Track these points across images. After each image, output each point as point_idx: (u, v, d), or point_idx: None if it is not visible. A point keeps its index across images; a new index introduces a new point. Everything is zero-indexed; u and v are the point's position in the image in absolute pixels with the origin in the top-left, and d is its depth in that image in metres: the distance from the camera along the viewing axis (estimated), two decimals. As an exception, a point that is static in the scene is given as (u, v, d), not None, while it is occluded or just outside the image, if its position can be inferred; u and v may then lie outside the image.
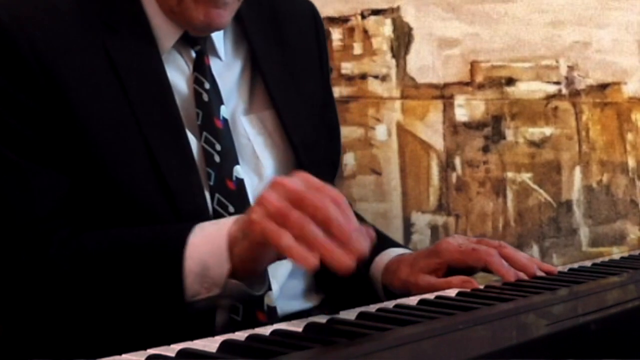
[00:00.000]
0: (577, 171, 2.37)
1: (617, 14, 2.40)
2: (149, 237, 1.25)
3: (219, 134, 1.40)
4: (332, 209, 1.06)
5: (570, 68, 2.38)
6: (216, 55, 1.46)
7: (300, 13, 1.63)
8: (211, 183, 1.37)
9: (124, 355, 0.88)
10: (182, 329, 1.13)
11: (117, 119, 1.32)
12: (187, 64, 1.43)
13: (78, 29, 1.35)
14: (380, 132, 2.32)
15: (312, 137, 1.53)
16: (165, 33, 1.40)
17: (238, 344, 0.93)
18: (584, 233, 2.37)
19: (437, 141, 2.34)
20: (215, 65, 1.45)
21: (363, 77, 2.31)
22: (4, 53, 1.31)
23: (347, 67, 2.29)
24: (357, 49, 2.33)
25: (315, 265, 1.03)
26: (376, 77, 2.33)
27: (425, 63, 2.35)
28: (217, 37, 1.46)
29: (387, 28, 2.35)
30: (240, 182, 1.40)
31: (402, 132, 2.34)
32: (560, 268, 1.43)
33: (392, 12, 2.35)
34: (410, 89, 2.35)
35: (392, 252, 1.52)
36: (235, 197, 1.37)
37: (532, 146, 2.37)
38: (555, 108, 2.37)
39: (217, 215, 1.35)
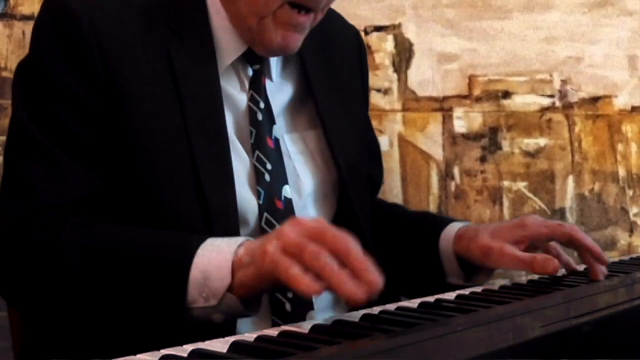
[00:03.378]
0: (570, 180, 2.37)
1: (608, 30, 2.40)
2: (161, 240, 1.21)
3: (270, 154, 1.37)
4: (351, 243, 1.03)
5: (564, 82, 2.38)
6: (269, 76, 1.42)
7: (346, 37, 1.60)
8: (260, 202, 1.34)
9: (138, 356, 0.88)
10: (196, 330, 1.13)
11: (168, 124, 1.29)
12: (244, 81, 1.39)
13: (145, 30, 1.31)
14: (382, 142, 2.32)
15: (356, 157, 1.50)
16: (228, 47, 1.36)
17: (247, 344, 0.93)
18: (576, 239, 2.36)
19: (437, 151, 2.34)
20: (267, 85, 1.41)
21: (366, 90, 2.31)
22: (70, 40, 1.27)
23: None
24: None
25: (318, 292, 1.01)
26: (379, 90, 2.33)
27: (426, 77, 2.35)
28: (273, 59, 1.42)
29: (389, 44, 2.35)
30: (288, 202, 1.37)
31: (404, 142, 2.34)
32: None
33: (394, 29, 2.36)
34: (411, 101, 2.35)
35: (458, 224, 1.49)
36: (282, 217, 1.32)
37: (527, 156, 2.36)
38: (549, 120, 2.37)
39: (264, 233, 1.30)
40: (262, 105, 1.38)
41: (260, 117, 1.38)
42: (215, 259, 1.13)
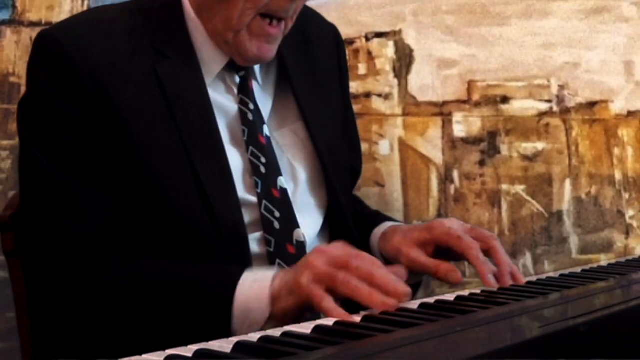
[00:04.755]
0: (568, 183, 2.37)
1: (604, 36, 2.40)
2: (203, 276, 1.29)
3: (264, 149, 1.44)
4: (373, 267, 1.17)
5: (561, 87, 2.38)
6: (255, 78, 1.49)
7: (325, 34, 1.66)
8: (259, 190, 1.41)
9: (144, 356, 0.88)
10: None
11: (165, 140, 1.35)
12: (232, 87, 1.46)
13: (131, 53, 1.37)
14: (383, 147, 2.32)
15: (334, 143, 1.55)
16: (213, 60, 1.43)
17: (251, 344, 0.93)
18: (573, 241, 2.36)
19: (437, 155, 2.34)
20: (255, 87, 1.48)
21: (367, 95, 2.31)
22: (63, 74, 1.33)
23: (352, 87, 2.29)
24: (362, 69, 2.33)
25: (346, 315, 1.11)
26: (379, 95, 2.33)
27: (426, 82, 2.35)
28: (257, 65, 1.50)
29: (389, 50, 2.35)
30: (284, 191, 1.43)
31: (404, 147, 2.34)
32: (551, 274, 1.43)
33: (395, 35, 2.36)
34: (411, 106, 2.35)
35: (389, 224, 1.54)
36: (280, 204, 1.42)
37: (526, 160, 2.36)
38: (547, 124, 2.37)
39: (264, 220, 1.40)
40: (251, 106, 1.45)
41: (251, 117, 1.44)
42: (254, 295, 1.23)
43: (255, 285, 1.23)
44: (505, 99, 2.37)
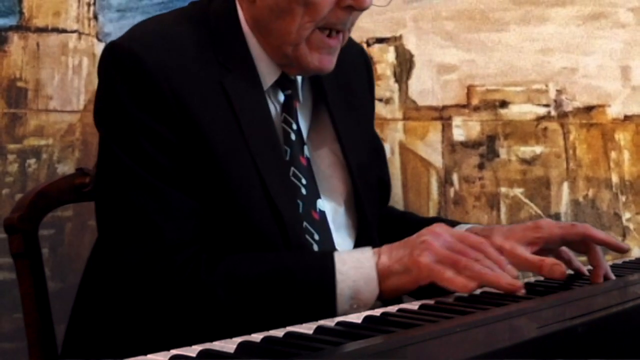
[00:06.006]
0: (565, 186, 2.37)
1: (601, 42, 2.40)
2: (297, 264, 1.28)
3: (304, 170, 1.43)
4: (487, 246, 1.23)
5: (559, 92, 2.38)
6: (298, 98, 1.48)
7: (355, 54, 1.65)
8: (300, 212, 1.40)
9: (149, 356, 0.88)
10: None
11: (237, 154, 1.34)
12: (275, 105, 1.44)
13: (200, 67, 1.36)
14: (384, 150, 2.32)
15: (365, 161, 1.55)
16: (266, 74, 1.42)
17: (255, 345, 0.93)
18: (571, 243, 2.36)
19: (437, 159, 2.34)
20: (297, 107, 1.47)
21: (368, 100, 2.31)
22: (145, 90, 1.31)
23: (353, 91, 2.29)
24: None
25: (473, 289, 1.18)
26: (380, 100, 2.33)
27: (426, 87, 2.36)
28: (299, 84, 1.49)
29: (390, 55, 2.35)
30: (322, 214, 1.43)
31: (404, 150, 2.34)
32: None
33: (395, 41, 2.36)
34: (411, 111, 2.35)
35: (466, 225, 1.52)
36: (319, 226, 1.41)
37: (524, 163, 2.36)
38: (545, 128, 2.37)
39: (304, 242, 1.39)
40: (294, 126, 1.44)
41: (293, 137, 1.43)
42: (359, 275, 1.24)
43: (357, 269, 1.24)
44: (504, 104, 2.37)
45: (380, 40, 2.35)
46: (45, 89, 2.18)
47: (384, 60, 2.35)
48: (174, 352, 0.90)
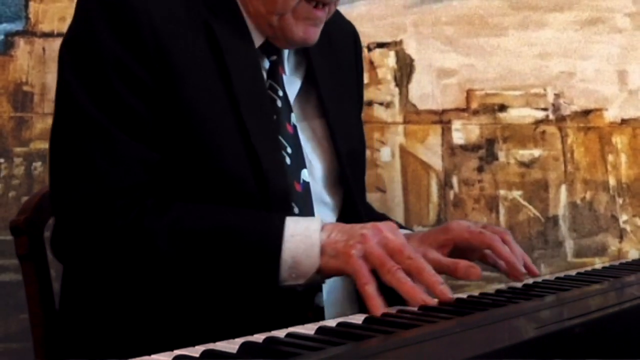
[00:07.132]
0: (563, 189, 2.37)
1: (599, 47, 2.40)
2: (246, 225, 1.23)
3: (290, 139, 1.38)
4: (425, 264, 1.16)
5: (557, 96, 2.38)
6: (283, 68, 1.43)
7: (345, 33, 1.62)
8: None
9: (152, 356, 0.88)
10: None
11: (215, 93, 1.30)
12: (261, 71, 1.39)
13: (185, 8, 1.31)
14: (384, 153, 2.32)
15: (356, 147, 1.52)
16: (254, 35, 1.38)
17: (257, 345, 0.93)
18: (569, 245, 2.36)
19: (436, 162, 2.35)
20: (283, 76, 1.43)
21: (369, 104, 2.31)
22: (123, 22, 1.26)
23: (354, 95, 2.30)
24: (364, 78, 2.34)
25: (381, 312, 1.10)
26: (381, 104, 2.33)
27: (426, 91, 2.36)
28: (285, 54, 1.44)
29: (390, 59, 2.36)
30: (306, 185, 1.39)
31: (405, 153, 2.34)
32: (547, 277, 1.42)
33: (396, 45, 2.36)
34: (411, 114, 2.35)
35: (402, 231, 1.48)
36: (301, 199, 1.37)
37: (522, 166, 2.36)
38: (543, 132, 2.37)
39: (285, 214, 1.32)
40: (280, 93, 1.40)
41: (279, 104, 1.39)
42: (303, 245, 1.20)
43: (303, 238, 1.20)
44: (502, 107, 2.37)
45: (381, 45, 2.35)
46: (51, 93, 2.18)
47: (385, 64, 2.35)
48: (177, 352, 0.90)
